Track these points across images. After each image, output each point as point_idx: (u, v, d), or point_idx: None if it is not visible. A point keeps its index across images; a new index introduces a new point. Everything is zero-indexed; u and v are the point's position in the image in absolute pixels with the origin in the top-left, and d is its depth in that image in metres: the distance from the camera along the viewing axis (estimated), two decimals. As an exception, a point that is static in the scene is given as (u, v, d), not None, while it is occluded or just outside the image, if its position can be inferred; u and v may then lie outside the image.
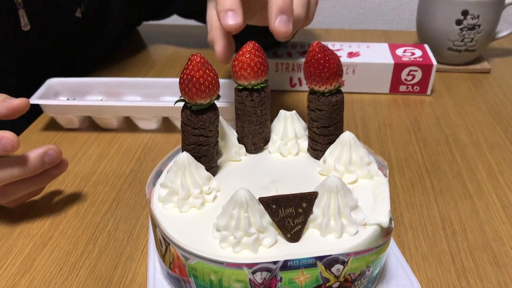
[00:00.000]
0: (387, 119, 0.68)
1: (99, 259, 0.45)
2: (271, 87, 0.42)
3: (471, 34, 0.77)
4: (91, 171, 0.57)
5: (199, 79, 0.37)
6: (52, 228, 0.48)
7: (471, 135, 0.64)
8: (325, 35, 1.00)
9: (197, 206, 0.38)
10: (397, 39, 0.97)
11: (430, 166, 0.57)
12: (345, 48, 0.78)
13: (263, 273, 0.33)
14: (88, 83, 0.69)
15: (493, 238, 0.46)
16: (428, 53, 0.76)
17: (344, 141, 0.40)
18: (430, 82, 0.74)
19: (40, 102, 0.62)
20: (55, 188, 0.54)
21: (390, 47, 0.78)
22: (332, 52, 0.40)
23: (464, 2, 0.75)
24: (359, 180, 0.41)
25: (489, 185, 0.54)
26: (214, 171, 0.42)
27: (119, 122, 0.65)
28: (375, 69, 0.74)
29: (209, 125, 0.39)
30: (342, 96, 0.42)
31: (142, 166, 0.58)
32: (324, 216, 0.35)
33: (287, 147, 0.45)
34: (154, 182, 0.41)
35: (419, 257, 0.44)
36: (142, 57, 0.90)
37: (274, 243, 0.34)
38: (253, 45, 0.41)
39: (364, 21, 1.21)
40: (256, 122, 0.44)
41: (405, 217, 0.49)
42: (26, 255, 0.45)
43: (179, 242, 0.35)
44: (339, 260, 0.34)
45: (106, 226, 0.49)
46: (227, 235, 0.34)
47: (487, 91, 0.76)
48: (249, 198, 0.34)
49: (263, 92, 0.43)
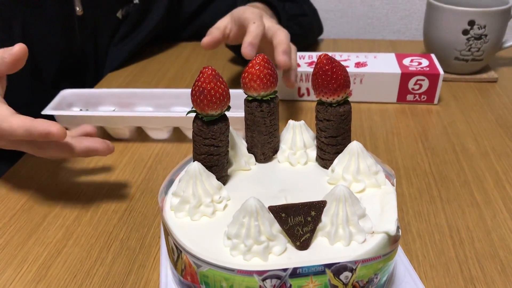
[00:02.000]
0: (394, 128, 0.69)
1: (112, 266, 0.46)
2: (280, 97, 0.43)
3: (478, 43, 0.78)
4: (104, 180, 0.58)
5: (210, 91, 0.38)
6: (66, 236, 0.50)
7: (478, 144, 0.64)
8: (333, 45, 1.01)
9: (208, 215, 0.39)
10: (404, 48, 0.98)
11: (437, 175, 0.58)
12: (352, 58, 0.79)
13: (273, 280, 0.34)
14: (100, 94, 0.70)
15: (500, 246, 0.47)
16: (435, 63, 0.76)
17: (352, 151, 0.41)
18: (437, 91, 0.74)
19: (54, 113, 0.63)
20: (69, 197, 0.56)
21: (397, 57, 0.79)
22: (339, 64, 0.41)
23: (471, 12, 0.76)
24: (367, 189, 0.41)
25: (496, 193, 0.54)
26: (224, 180, 0.43)
27: (131, 132, 0.67)
28: (382, 79, 0.75)
29: (220, 135, 0.40)
30: (349, 107, 0.43)
31: (153, 175, 0.59)
32: (333, 224, 0.36)
33: (296, 156, 0.45)
34: (166, 191, 0.42)
35: (427, 265, 0.45)
36: (153, 68, 0.92)
37: (283, 251, 0.35)
38: (262, 57, 0.42)
39: (371, 31, 1.22)
40: (266, 132, 0.45)
41: (412, 225, 0.50)
42: (41, 262, 0.46)
43: (191, 250, 0.36)
44: (347, 268, 0.34)
45: (118, 234, 0.50)
46: (237, 243, 0.35)
47: (494, 100, 0.76)
48: (259, 207, 0.34)
49: (272, 103, 0.44)
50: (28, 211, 0.53)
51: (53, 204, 0.54)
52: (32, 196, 0.56)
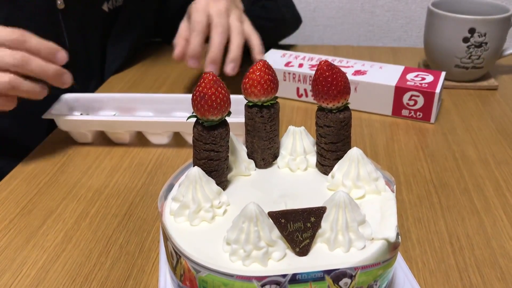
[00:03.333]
0: (394, 135, 0.69)
1: (111, 271, 0.46)
2: (278, 95, 0.44)
3: (478, 51, 0.78)
4: (103, 185, 0.59)
5: (211, 96, 0.38)
6: (65, 241, 0.50)
7: (478, 152, 0.64)
8: (334, 52, 1.01)
9: (208, 220, 0.39)
10: (405, 56, 0.98)
11: (437, 182, 0.58)
12: (356, 66, 0.78)
13: (272, 286, 0.33)
14: (101, 99, 0.71)
15: (500, 254, 0.47)
16: (439, 81, 0.72)
17: (352, 157, 0.41)
18: (433, 109, 0.71)
19: (55, 117, 0.64)
20: (69, 201, 0.56)
21: (404, 70, 0.76)
22: (339, 70, 0.41)
23: (471, 19, 0.76)
24: (367, 195, 0.41)
25: (496, 201, 0.54)
26: (224, 185, 0.43)
27: (131, 137, 0.67)
28: (376, 89, 0.73)
29: (220, 141, 0.40)
30: (349, 113, 0.43)
31: (153, 180, 0.59)
32: (332, 230, 0.36)
33: (296, 162, 0.45)
34: (165, 196, 0.42)
35: (427, 273, 0.45)
36: (153, 73, 0.92)
37: (283, 256, 0.35)
38: (263, 63, 0.43)
39: (372, 38, 1.22)
40: (266, 137, 0.45)
41: (412, 232, 0.50)
42: (40, 266, 0.46)
43: (190, 255, 0.36)
44: (347, 274, 0.34)
45: (118, 238, 0.50)
46: (237, 248, 0.35)
47: (495, 108, 0.76)
48: (258, 212, 0.34)
49: (273, 109, 0.44)
50: (28, 214, 0.53)
51: (53, 208, 0.54)
52: (31, 200, 0.56)
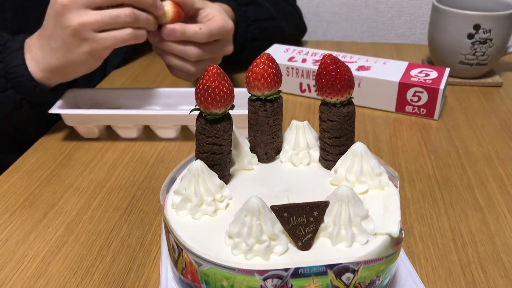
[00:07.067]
0: (398, 131, 0.68)
1: (112, 264, 0.46)
2: (282, 90, 0.43)
3: (483, 48, 0.78)
4: (105, 178, 0.58)
5: (214, 89, 0.38)
6: (67, 233, 0.49)
7: (482, 148, 0.64)
8: (337, 48, 1.01)
9: (210, 214, 0.39)
10: (409, 52, 0.97)
11: (440, 179, 0.57)
12: (360, 61, 0.78)
13: (274, 280, 0.33)
14: (107, 93, 0.70)
15: (503, 250, 0.46)
16: (443, 77, 0.72)
17: (356, 152, 0.41)
18: (437, 106, 0.70)
19: (61, 112, 0.63)
20: (71, 194, 0.56)
21: (408, 66, 0.76)
22: (343, 64, 0.41)
23: (476, 16, 0.76)
24: (370, 190, 0.41)
25: (500, 198, 0.54)
26: (226, 179, 0.43)
27: (139, 131, 0.66)
28: (380, 85, 0.73)
29: (223, 134, 0.40)
30: (353, 108, 0.43)
31: (155, 174, 0.59)
32: (335, 225, 0.35)
33: (298, 157, 0.45)
34: (168, 189, 0.42)
35: (429, 268, 0.44)
36: (156, 67, 0.91)
37: (285, 250, 0.35)
38: (267, 56, 0.42)
39: (376, 34, 1.21)
40: (269, 132, 0.45)
41: (415, 228, 0.49)
42: (41, 258, 0.46)
43: (192, 248, 0.36)
44: (349, 269, 0.34)
45: (119, 232, 0.50)
46: (239, 242, 0.35)
47: (499, 105, 0.76)
48: (261, 206, 0.34)
49: (276, 103, 0.44)
50: (29, 207, 0.53)
51: (54, 201, 0.54)
52: (33, 193, 0.56)
